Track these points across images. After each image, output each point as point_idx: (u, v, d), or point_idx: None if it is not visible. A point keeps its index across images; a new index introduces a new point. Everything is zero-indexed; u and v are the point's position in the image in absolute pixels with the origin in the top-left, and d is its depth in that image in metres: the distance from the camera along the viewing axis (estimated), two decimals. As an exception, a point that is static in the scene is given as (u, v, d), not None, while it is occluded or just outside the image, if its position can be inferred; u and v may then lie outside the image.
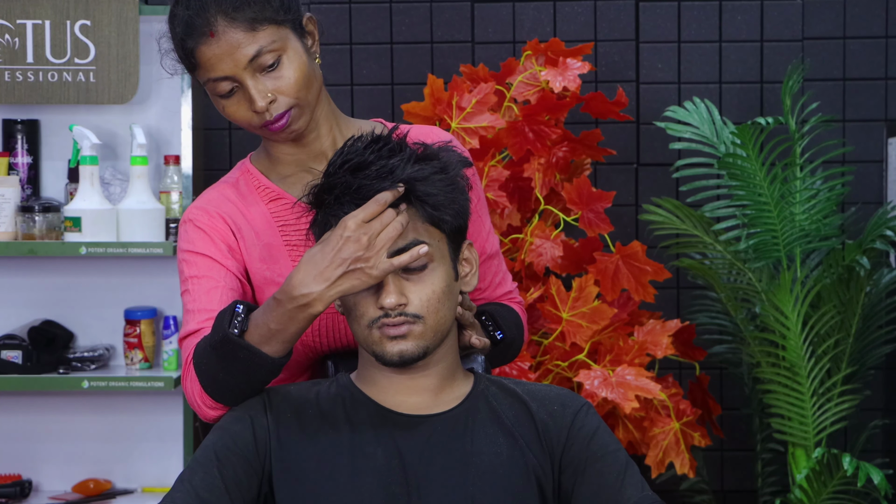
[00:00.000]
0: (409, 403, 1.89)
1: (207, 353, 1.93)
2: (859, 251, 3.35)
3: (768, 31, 3.92)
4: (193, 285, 2.06)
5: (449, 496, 1.82)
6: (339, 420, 1.87)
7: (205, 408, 1.97)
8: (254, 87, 2.01)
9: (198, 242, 2.08)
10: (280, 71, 2.02)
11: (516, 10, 3.92)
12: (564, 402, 1.91)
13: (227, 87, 2.02)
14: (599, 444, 1.88)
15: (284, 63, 2.02)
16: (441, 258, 1.87)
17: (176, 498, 1.80)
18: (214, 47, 2.00)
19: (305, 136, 2.11)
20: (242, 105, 2.03)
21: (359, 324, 1.86)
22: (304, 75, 2.04)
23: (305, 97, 2.05)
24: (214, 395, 1.95)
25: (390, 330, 1.84)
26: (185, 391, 2.00)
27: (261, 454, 1.85)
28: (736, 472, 3.95)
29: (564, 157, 3.39)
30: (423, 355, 1.85)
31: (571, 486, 1.87)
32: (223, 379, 1.92)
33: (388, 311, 1.83)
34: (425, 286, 1.85)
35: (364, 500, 1.81)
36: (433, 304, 1.85)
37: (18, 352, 3.59)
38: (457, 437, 1.86)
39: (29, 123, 3.71)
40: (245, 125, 2.06)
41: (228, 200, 2.13)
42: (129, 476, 3.76)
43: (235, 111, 2.04)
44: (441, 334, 1.87)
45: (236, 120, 2.05)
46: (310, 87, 2.05)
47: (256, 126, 2.05)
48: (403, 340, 1.84)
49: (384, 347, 1.84)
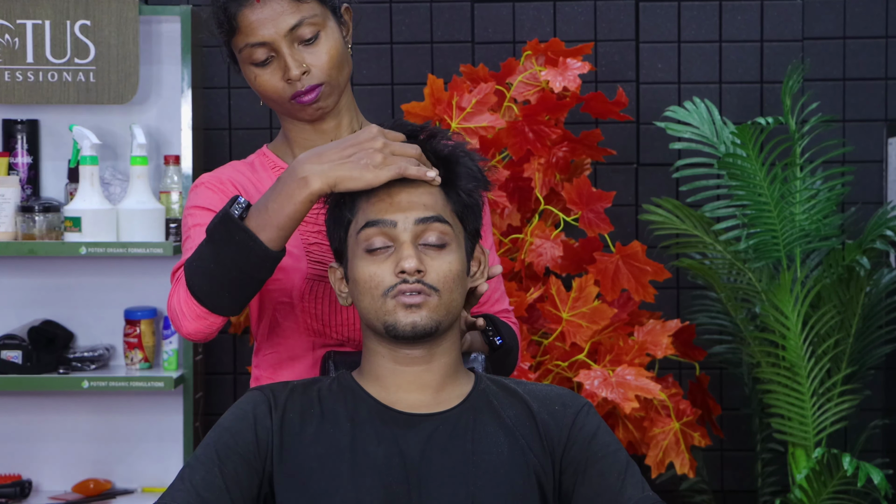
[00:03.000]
0: (411, 401, 1.89)
1: (201, 248, 1.92)
2: (859, 251, 3.35)
3: (768, 31, 3.92)
4: (195, 233, 2.06)
5: (449, 495, 1.82)
6: (340, 418, 1.87)
7: (187, 316, 1.94)
8: (290, 55, 2.06)
9: (205, 199, 2.10)
10: (317, 46, 2.08)
11: (516, 10, 3.92)
12: (565, 402, 1.91)
13: (263, 55, 2.07)
14: (600, 445, 1.88)
15: (322, 39, 2.09)
16: (458, 247, 1.89)
17: (176, 496, 1.80)
18: (258, 12, 2.06)
19: (327, 120, 2.16)
20: (276, 75, 2.08)
21: (372, 296, 1.86)
22: (338, 55, 2.10)
23: (336, 77, 2.11)
24: (200, 295, 1.91)
25: (406, 298, 1.84)
26: (169, 304, 1.96)
27: (262, 453, 1.85)
28: (736, 472, 3.95)
29: (564, 157, 3.39)
30: (434, 330, 1.85)
31: (572, 487, 1.87)
32: (213, 271, 1.89)
33: (407, 276, 1.83)
34: (443, 262, 1.86)
35: (364, 499, 1.81)
36: (449, 281, 1.86)
37: (18, 352, 3.60)
38: (458, 437, 1.86)
39: (29, 123, 3.71)
40: (275, 97, 2.10)
41: (241, 174, 2.17)
42: (129, 476, 3.76)
43: (267, 80, 2.08)
44: (451, 316, 1.88)
45: (266, 91, 2.09)
46: (341, 69, 2.12)
47: (286, 98, 2.09)
48: (418, 310, 1.84)
49: (397, 317, 1.84)
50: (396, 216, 1.85)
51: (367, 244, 1.86)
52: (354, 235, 1.88)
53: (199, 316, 1.95)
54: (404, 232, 1.85)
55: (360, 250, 1.86)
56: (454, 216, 1.90)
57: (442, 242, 1.87)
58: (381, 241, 1.85)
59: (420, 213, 1.86)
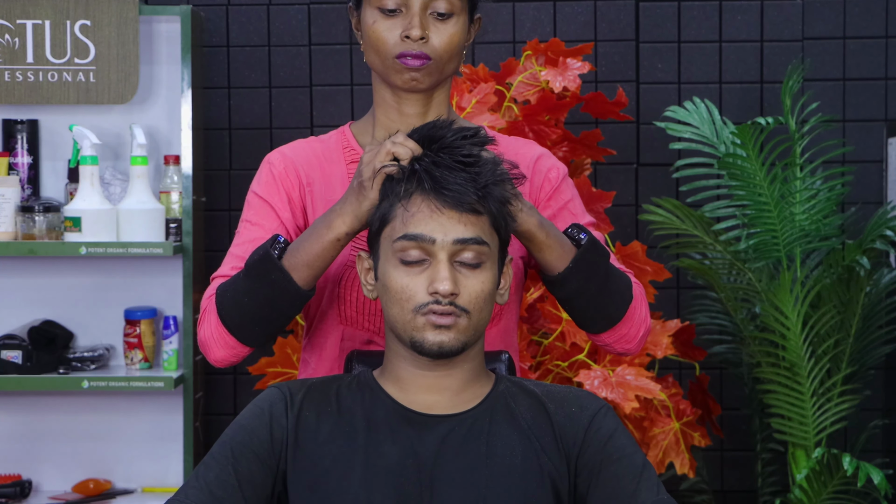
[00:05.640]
0: (429, 403, 1.88)
1: (236, 279, 2.01)
2: (859, 251, 3.35)
3: (768, 31, 3.92)
4: (245, 228, 2.14)
5: (462, 497, 1.82)
6: (356, 418, 1.87)
7: (218, 345, 2.03)
8: (420, 17, 2.08)
9: (265, 186, 2.15)
10: (446, 25, 2.10)
11: (516, 10, 3.92)
12: (583, 404, 1.90)
13: (393, 4, 2.09)
14: (616, 447, 1.87)
15: (452, 22, 2.10)
16: (492, 264, 1.88)
17: (189, 493, 1.81)
18: None
19: (413, 103, 2.15)
20: (395, 30, 2.09)
21: (402, 308, 1.85)
22: (458, 44, 2.11)
23: (446, 63, 2.11)
24: (232, 326, 2.01)
25: (436, 318, 1.83)
26: (200, 329, 2.06)
27: (276, 452, 1.85)
28: (736, 472, 3.95)
29: (564, 157, 3.39)
30: (460, 350, 1.85)
31: (586, 489, 1.85)
32: (246, 304, 1.99)
33: (441, 297, 1.82)
34: (477, 283, 1.85)
35: (376, 498, 1.81)
36: (480, 301, 1.85)
37: (18, 352, 3.60)
38: (472, 439, 1.85)
39: (29, 123, 3.71)
40: (383, 50, 2.10)
41: (312, 151, 2.18)
42: (129, 476, 3.77)
43: (387, 30, 2.09)
44: (478, 334, 1.88)
45: (378, 39, 2.10)
46: (452, 59, 2.12)
47: (393, 54, 2.10)
48: (447, 331, 1.83)
49: (425, 335, 1.83)
50: (436, 233, 1.83)
51: (403, 255, 1.84)
52: (390, 241, 1.86)
53: (228, 346, 2.04)
54: (441, 250, 1.83)
55: (395, 258, 1.85)
56: (492, 229, 1.87)
57: (478, 262, 1.85)
58: (417, 255, 1.83)
59: (460, 233, 1.83)
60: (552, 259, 2.02)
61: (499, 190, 1.86)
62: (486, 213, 1.85)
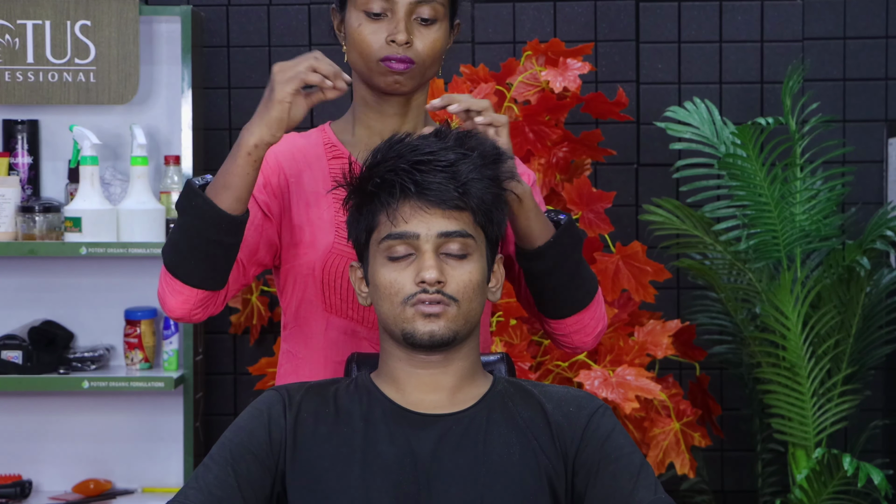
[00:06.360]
0: (426, 402, 1.89)
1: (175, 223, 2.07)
2: (859, 251, 3.35)
3: (768, 31, 3.92)
4: None
5: (459, 495, 1.82)
6: (354, 418, 1.88)
7: (167, 292, 2.06)
8: (405, 21, 2.12)
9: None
10: (429, 30, 2.14)
11: (516, 10, 3.92)
12: (581, 404, 1.91)
13: (379, 8, 2.12)
14: (614, 446, 1.87)
15: (435, 28, 2.15)
16: (480, 256, 1.90)
17: (189, 495, 1.82)
18: None
19: (394, 105, 2.19)
20: (380, 33, 2.12)
21: (392, 302, 1.87)
22: (440, 49, 2.17)
23: (428, 67, 2.17)
24: (172, 267, 2.05)
25: (425, 308, 1.85)
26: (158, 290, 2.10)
27: (275, 453, 1.86)
28: (736, 472, 3.95)
29: (564, 157, 3.39)
30: (451, 339, 1.86)
31: (584, 488, 1.86)
32: (179, 240, 2.03)
33: (427, 286, 1.84)
34: (464, 272, 1.87)
35: (374, 497, 1.81)
36: (469, 291, 1.87)
37: (18, 352, 3.60)
38: (470, 438, 1.86)
39: (29, 123, 3.71)
40: (367, 52, 2.13)
41: (295, 146, 2.22)
42: (129, 476, 3.76)
43: (371, 34, 2.13)
44: (470, 325, 1.89)
45: (363, 42, 2.13)
46: (434, 63, 2.18)
47: (377, 57, 2.13)
48: (437, 320, 1.85)
49: (415, 325, 1.86)
50: (420, 229, 1.86)
51: (389, 252, 1.87)
52: (376, 243, 1.89)
53: (176, 291, 2.06)
54: (427, 243, 1.86)
55: (382, 257, 1.88)
56: (476, 227, 1.90)
57: (463, 252, 1.87)
58: (404, 250, 1.87)
59: (444, 227, 1.86)
60: (537, 229, 2.08)
61: (479, 186, 1.88)
62: (469, 210, 1.88)
